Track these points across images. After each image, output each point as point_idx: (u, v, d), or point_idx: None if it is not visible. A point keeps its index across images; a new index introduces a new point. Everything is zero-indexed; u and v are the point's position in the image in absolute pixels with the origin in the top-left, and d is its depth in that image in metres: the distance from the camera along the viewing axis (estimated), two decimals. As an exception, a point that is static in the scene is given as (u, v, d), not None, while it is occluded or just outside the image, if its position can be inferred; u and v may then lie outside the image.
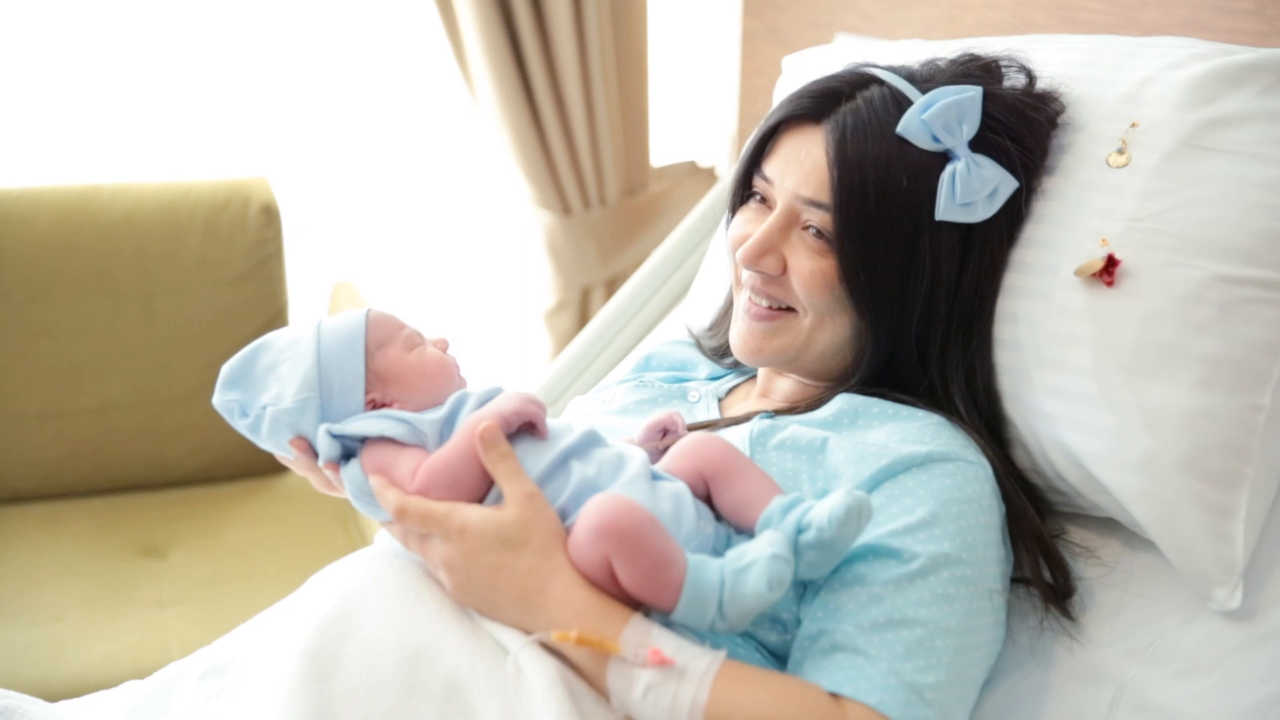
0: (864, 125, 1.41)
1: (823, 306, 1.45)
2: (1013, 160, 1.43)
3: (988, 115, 1.42)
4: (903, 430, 1.38)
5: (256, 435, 1.38)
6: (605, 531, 1.19)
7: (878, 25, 2.73)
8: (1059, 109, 1.51)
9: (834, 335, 1.48)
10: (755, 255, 1.46)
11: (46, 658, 2.31)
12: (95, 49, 2.93)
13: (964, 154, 1.40)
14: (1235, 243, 1.36)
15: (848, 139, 1.41)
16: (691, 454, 1.33)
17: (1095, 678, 1.38)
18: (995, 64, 1.52)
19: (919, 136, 1.40)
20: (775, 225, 1.46)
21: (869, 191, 1.39)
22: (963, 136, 1.40)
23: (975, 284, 1.45)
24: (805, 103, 1.46)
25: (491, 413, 1.29)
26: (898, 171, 1.39)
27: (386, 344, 1.38)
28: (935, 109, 1.39)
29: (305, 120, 3.19)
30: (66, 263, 2.71)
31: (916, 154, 1.40)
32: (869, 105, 1.43)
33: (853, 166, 1.40)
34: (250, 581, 2.58)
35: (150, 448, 2.85)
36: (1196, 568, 1.35)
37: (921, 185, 1.40)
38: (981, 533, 1.32)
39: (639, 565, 1.19)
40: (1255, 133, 1.39)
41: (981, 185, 1.39)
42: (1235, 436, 1.34)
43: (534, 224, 3.23)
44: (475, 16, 2.86)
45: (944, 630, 1.24)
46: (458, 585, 1.26)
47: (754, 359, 1.52)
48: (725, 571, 1.18)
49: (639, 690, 1.17)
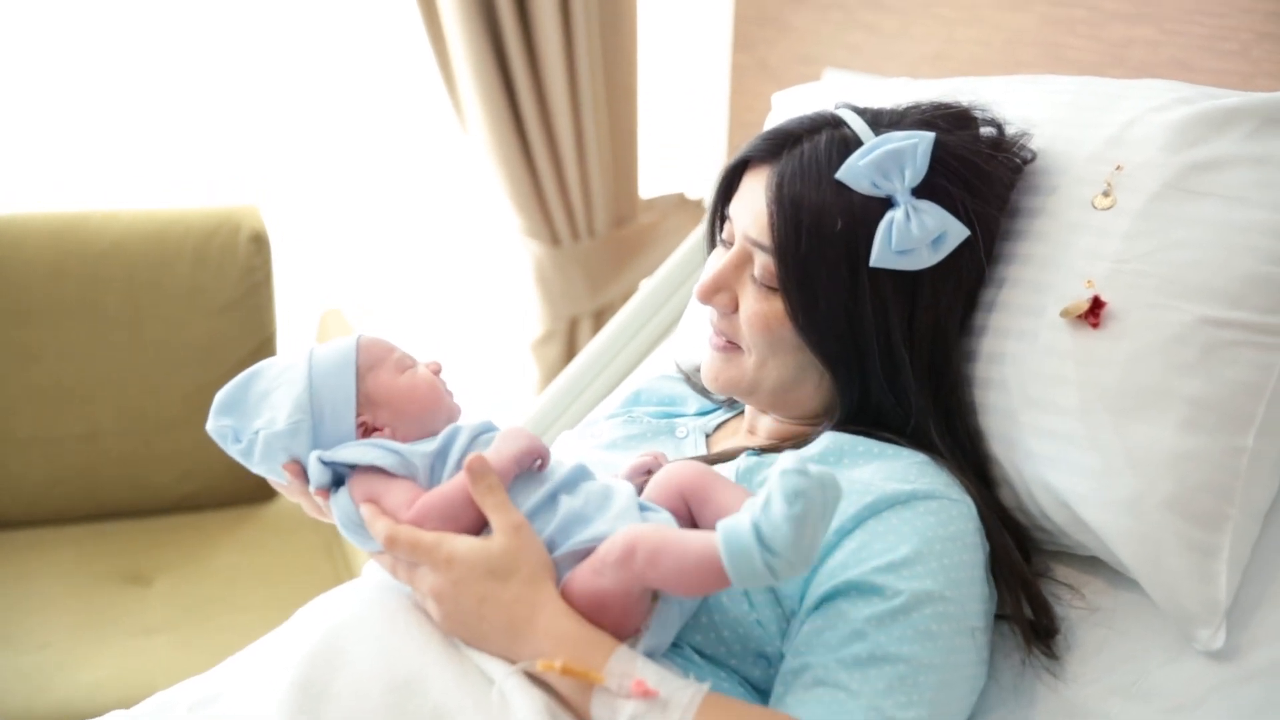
0: (804, 169, 1.42)
1: (764, 347, 1.46)
2: (962, 208, 1.42)
3: (941, 163, 1.40)
4: (888, 469, 1.39)
5: (249, 460, 1.39)
6: (632, 550, 1.19)
7: (867, 61, 2.76)
8: (1025, 158, 1.52)
9: (781, 374, 1.48)
10: (709, 292, 1.49)
11: (31, 686, 2.30)
12: (87, 76, 2.93)
13: (904, 200, 1.38)
14: (1220, 285, 1.37)
15: (785, 182, 1.42)
16: (670, 478, 1.34)
17: (1078, 716, 1.38)
18: (967, 113, 1.51)
19: (858, 181, 1.39)
20: (729, 264, 1.48)
21: (801, 234, 1.40)
22: (905, 183, 1.38)
23: (931, 331, 1.44)
24: (761, 144, 1.48)
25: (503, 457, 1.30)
26: (831, 215, 1.39)
27: (377, 366, 1.39)
28: (875, 155, 1.38)
29: (296, 149, 3.20)
30: (55, 288, 2.71)
31: (857, 199, 1.39)
32: (814, 149, 1.43)
33: (787, 209, 1.41)
34: (236, 609, 2.58)
35: (137, 474, 2.84)
36: (1180, 607, 1.35)
37: (858, 231, 1.39)
38: (964, 570, 1.32)
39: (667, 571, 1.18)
40: (1240, 176, 1.40)
41: (923, 233, 1.37)
42: (1219, 477, 1.35)
43: (522, 254, 3.24)
44: (465, 45, 2.87)
45: (926, 667, 1.24)
46: (445, 615, 1.26)
47: (713, 387, 1.54)
48: (755, 516, 1.14)
49: None
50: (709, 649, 1.32)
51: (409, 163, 3.33)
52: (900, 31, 2.68)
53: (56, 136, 2.97)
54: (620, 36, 3.10)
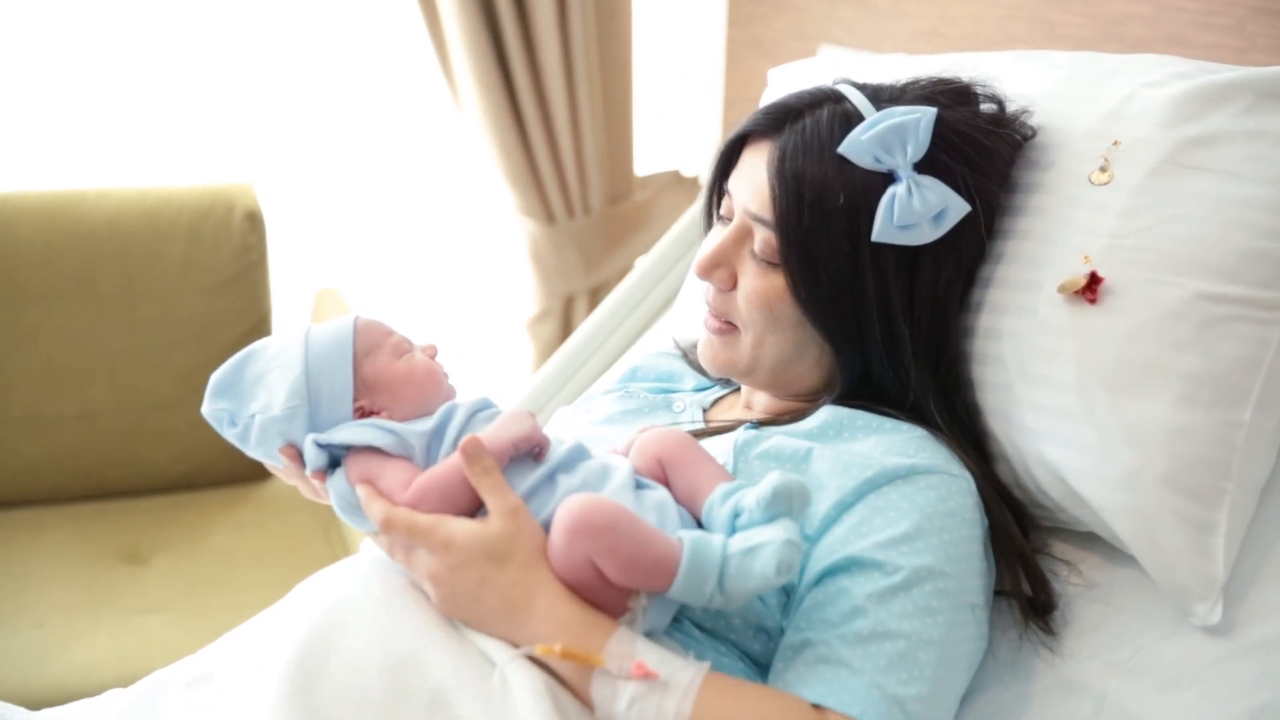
0: (807, 143, 1.41)
1: (762, 324, 1.46)
2: (964, 184, 1.42)
3: (942, 138, 1.40)
4: (887, 443, 1.39)
5: (245, 444, 1.38)
6: (579, 530, 1.20)
7: (862, 38, 2.75)
8: (1025, 134, 1.52)
9: (779, 351, 1.48)
10: (708, 268, 1.49)
11: (28, 665, 2.31)
12: (81, 54, 2.92)
13: (906, 175, 1.38)
14: (1216, 260, 1.37)
15: (788, 156, 1.41)
16: (651, 444, 1.34)
17: (1075, 691, 1.39)
18: (968, 89, 1.51)
19: (860, 156, 1.39)
20: (729, 239, 1.47)
21: (804, 209, 1.40)
22: (906, 158, 1.38)
23: (932, 306, 1.45)
24: (762, 119, 1.48)
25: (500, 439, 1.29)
26: (834, 190, 1.39)
27: (374, 351, 1.38)
28: (877, 130, 1.38)
29: (290, 127, 3.19)
30: (49, 267, 2.71)
31: (859, 174, 1.39)
32: (816, 123, 1.43)
33: (789, 184, 1.40)
34: (232, 588, 2.58)
35: (132, 453, 2.85)
36: (1177, 582, 1.36)
37: (861, 204, 1.39)
38: (964, 546, 1.32)
39: (620, 554, 1.19)
40: (1236, 151, 1.40)
41: (924, 208, 1.37)
42: (1216, 452, 1.35)
43: (518, 232, 3.23)
44: (460, 23, 2.87)
45: (926, 643, 1.24)
46: (443, 598, 1.26)
47: (713, 369, 1.54)
48: (730, 550, 1.18)
49: (623, 702, 1.17)
50: (709, 623, 1.32)
51: (404, 141, 3.32)
52: (894, 8, 2.68)
53: (50, 115, 2.96)
54: (615, 13, 3.09)
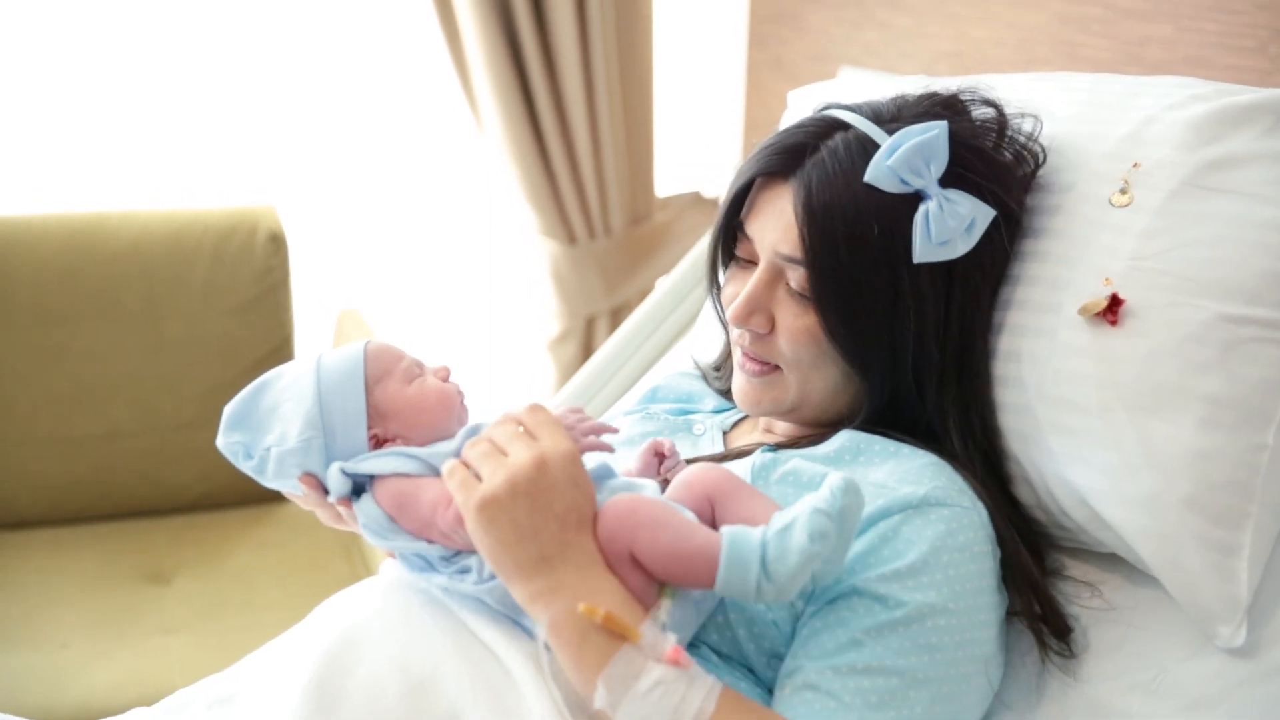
0: (829, 178, 1.40)
1: (808, 361, 1.45)
2: (987, 192, 1.42)
3: (952, 150, 1.40)
4: (902, 470, 1.38)
5: (263, 475, 1.39)
6: (622, 520, 1.21)
7: (883, 59, 2.75)
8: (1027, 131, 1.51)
9: (825, 385, 1.47)
10: (744, 314, 1.46)
11: (50, 684, 2.31)
12: (104, 76, 2.95)
13: (935, 193, 1.37)
14: (1238, 283, 1.36)
15: (813, 193, 1.39)
16: (698, 480, 1.33)
17: (1098, 712, 1.38)
18: (956, 98, 1.50)
19: (887, 182, 1.37)
20: (760, 282, 1.45)
21: (839, 244, 1.38)
22: (932, 176, 1.37)
23: (962, 320, 1.44)
24: (773, 159, 1.45)
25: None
26: (868, 220, 1.38)
27: (385, 378, 1.39)
28: (901, 152, 1.37)
29: (313, 149, 3.20)
30: (73, 289, 2.73)
31: (886, 198, 1.38)
32: (833, 156, 1.41)
33: (821, 221, 1.39)
34: (254, 608, 2.58)
35: (155, 473, 2.85)
36: (1201, 604, 1.35)
37: (895, 230, 1.38)
38: (972, 581, 1.32)
39: (661, 544, 1.20)
40: (1258, 173, 1.40)
41: (957, 221, 1.37)
42: (1239, 475, 1.34)
43: (539, 253, 3.24)
44: (481, 45, 2.88)
45: (921, 681, 1.24)
46: (488, 521, 1.21)
47: (755, 410, 1.52)
48: (768, 534, 1.18)
49: (646, 682, 1.16)
50: (725, 648, 1.32)
51: (425, 162, 3.34)
52: (915, 29, 2.68)
53: (73, 138, 2.98)
54: (635, 35, 3.10)
